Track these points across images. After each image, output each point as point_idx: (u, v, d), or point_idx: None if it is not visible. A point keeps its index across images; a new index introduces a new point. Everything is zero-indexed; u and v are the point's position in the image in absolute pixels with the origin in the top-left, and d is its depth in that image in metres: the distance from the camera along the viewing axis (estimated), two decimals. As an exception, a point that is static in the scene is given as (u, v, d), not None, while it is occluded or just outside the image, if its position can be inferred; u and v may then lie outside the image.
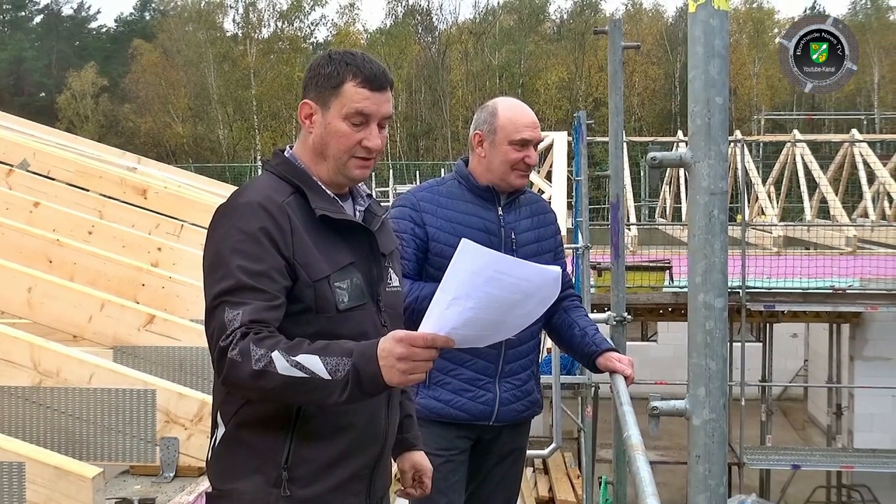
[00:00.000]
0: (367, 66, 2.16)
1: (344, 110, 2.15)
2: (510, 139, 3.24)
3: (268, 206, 2.08)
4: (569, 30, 52.53)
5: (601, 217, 18.17)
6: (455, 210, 3.27)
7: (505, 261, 1.99)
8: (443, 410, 3.24)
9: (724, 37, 1.73)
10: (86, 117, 49.13)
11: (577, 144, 9.95)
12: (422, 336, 1.91)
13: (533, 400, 3.39)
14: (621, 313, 4.72)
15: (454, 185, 3.33)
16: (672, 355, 16.87)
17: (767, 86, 47.51)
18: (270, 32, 51.31)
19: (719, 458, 1.75)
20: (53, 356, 3.48)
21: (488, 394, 3.26)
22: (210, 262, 2.09)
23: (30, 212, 5.55)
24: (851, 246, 14.53)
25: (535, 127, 3.27)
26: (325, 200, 2.17)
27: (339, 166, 2.18)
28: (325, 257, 2.11)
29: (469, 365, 3.22)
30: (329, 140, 2.17)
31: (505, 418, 3.30)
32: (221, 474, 2.15)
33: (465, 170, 3.34)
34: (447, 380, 3.22)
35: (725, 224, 1.74)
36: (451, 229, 3.21)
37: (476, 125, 3.31)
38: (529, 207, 3.40)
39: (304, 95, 2.21)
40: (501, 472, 3.42)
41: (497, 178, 3.29)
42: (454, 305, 1.92)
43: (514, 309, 2.02)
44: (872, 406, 13.49)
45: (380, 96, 2.17)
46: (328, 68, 2.17)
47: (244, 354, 1.93)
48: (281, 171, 2.20)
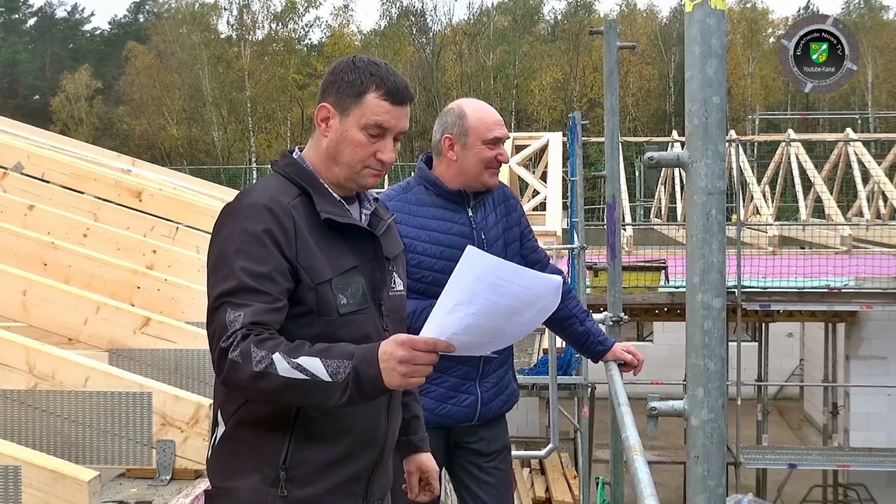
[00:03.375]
0: (391, 79, 2.15)
1: (363, 120, 2.14)
2: (483, 139, 3.22)
3: (273, 208, 2.08)
4: (563, 30, 52.55)
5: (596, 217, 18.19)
6: (427, 217, 3.23)
7: (507, 268, 1.99)
8: (428, 418, 3.23)
9: (721, 36, 1.72)
10: (80, 120, 49.02)
11: (572, 145, 9.96)
12: (423, 340, 1.91)
13: (510, 392, 3.43)
14: (618, 313, 4.72)
15: (421, 190, 3.28)
16: (668, 355, 16.90)
17: (762, 85, 47.57)
18: (264, 34, 51.22)
19: (718, 459, 1.75)
20: (49, 359, 3.47)
21: (470, 397, 3.29)
22: (214, 262, 2.09)
23: (24, 215, 5.53)
24: (846, 245, 14.56)
25: (503, 124, 3.31)
26: (331, 204, 2.17)
27: (352, 174, 2.18)
28: (328, 260, 2.11)
29: (453, 372, 3.23)
30: (344, 147, 2.17)
31: (486, 416, 3.33)
32: (220, 472, 2.16)
33: (429, 173, 3.30)
34: (430, 388, 3.21)
35: (723, 224, 1.74)
36: (425, 237, 3.19)
37: (443, 129, 3.26)
38: (491, 200, 3.38)
39: (323, 98, 2.19)
40: (492, 475, 3.42)
41: (471, 178, 3.27)
42: (456, 311, 1.93)
43: (514, 317, 2.02)
44: (868, 405, 13.52)
45: (400, 111, 2.17)
46: (352, 75, 2.16)
47: (245, 356, 1.93)
48: (288, 172, 2.19)
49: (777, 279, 12.24)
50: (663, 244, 15.43)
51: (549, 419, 7.12)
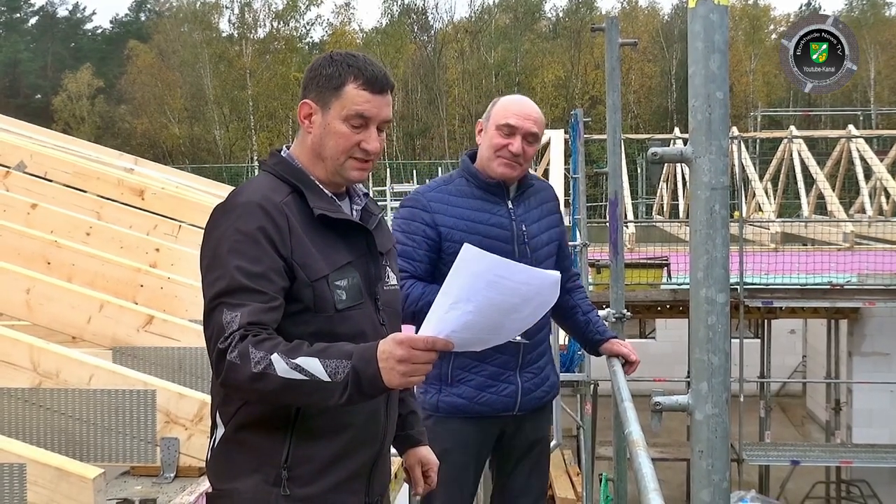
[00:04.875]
0: (369, 69, 2.16)
1: (344, 112, 2.14)
2: (497, 123, 3.23)
3: (266, 206, 2.07)
4: (564, 28, 52.54)
5: (598, 215, 18.17)
6: (465, 207, 3.25)
7: (505, 265, 1.99)
8: (467, 407, 3.25)
9: (725, 32, 1.73)
10: (82, 119, 49.06)
11: (574, 142, 9.97)
12: (422, 339, 1.91)
13: (552, 384, 3.43)
14: (621, 310, 4.72)
15: (462, 182, 3.31)
16: (670, 352, 16.89)
17: (764, 82, 47.55)
18: (266, 32, 51.28)
19: (722, 453, 1.75)
20: (53, 357, 3.47)
21: (511, 386, 3.28)
22: (208, 263, 2.08)
23: (27, 213, 5.53)
24: (849, 241, 14.54)
25: (527, 118, 3.22)
26: (324, 200, 2.17)
27: (336, 167, 2.17)
28: (324, 257, 2.10)
29: (491, 361, 3.22)
30: (328, 141, 2.16)
31: (527, 407, 3.33)
32: (221, 474, 2.16)
33: (471, 166, 3.33)
34: (470, 377, 3.22)
35: (727, 219, 1.75)
36: (464, 227, 3.20)
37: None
38: (538, 196, 3.40)
39: (304, 95, 2.20)
40: (529, 465, 3.43)
41: (485, 166, 3.28)
42: (454, 309, 1.92)
43: (512, 313, 2.02)
44: (871, 401, 13.52)
45: (380, 99, 2.17)
46: (329, 69, 2.16)
47: (243, 357, 1.92)
48: (278, 170, 2.19)
49: (779, 276, 12.24)
50: (665, 241, 15.44)
51: (553, 416, 7.12)
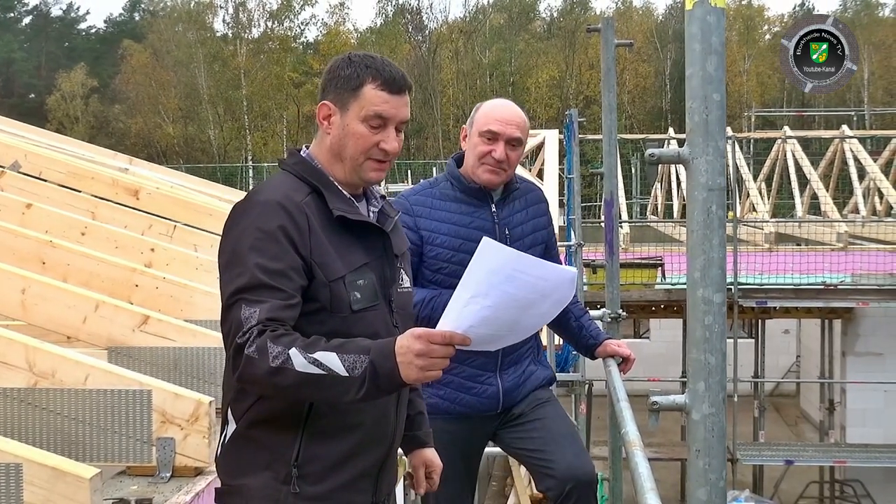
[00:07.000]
0: (387, 69, 2.17)
1: (362, 112, 2.16)
2: (479, 130, 3.23)
3: (286, 205, 2.08)
4: (559, 28, 52.58)
5: (592, 215, 18.21)
6: (448, 211, 3.26)
7: (523, 259, 1.99)
8: (449, 407, 3.26)
9: (721, 34, 1.74)
10: (76, 118, 48.96)
11: (568, 142, 9.97)
12: (440, 333, 1.92)
13: (537, 378, 3.39)
14: (616, 310, 4.73)
15: (447, 186, 3.32)
16: (664, 352, 16.92)
17: (758, 83, 47.62)
18: (260, 32, 51.26)
19: (719, 453, 1.76)
20: (48, 357, 3.46)
21: (490, 387, 3.29)
22: (227, 260, 2.09)
23: (22, 213, 5.52)
24: (843, 242, 14.57)
25: (509, 123, 3.21)
26: (342, 201, 2.18)
27: (355, 167, 2.19)
28: (341, 257, 2.12)
29: (469, 362, 3.23)
30: (347, 141, 2.18)
31: (511, 404, 3.33)
32: (231, 470, 2.17)
33: (456, 170, 3.33)
34: (448, 378, 3.21)
35: (724, 220, 1.76)
36: (445, 230, 3.21)
37: None
38: (524, 199, 3.39)
39: (323, 97, 2.21)
40: (545, 412, 3.33)
41: (469, 172, 3.28)
42: (472, 303, 1.93)
43: (530, 309, 2.02)
44: (864, 401, 13.56)
45: (398, 100, 2.18)
46: (348, 70, 2.18)
47: (261, 351, 1.93)
48: (298, 170, 2.20)
49: (773, 276, 12.27)
50: (660, 241, 15.47)
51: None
